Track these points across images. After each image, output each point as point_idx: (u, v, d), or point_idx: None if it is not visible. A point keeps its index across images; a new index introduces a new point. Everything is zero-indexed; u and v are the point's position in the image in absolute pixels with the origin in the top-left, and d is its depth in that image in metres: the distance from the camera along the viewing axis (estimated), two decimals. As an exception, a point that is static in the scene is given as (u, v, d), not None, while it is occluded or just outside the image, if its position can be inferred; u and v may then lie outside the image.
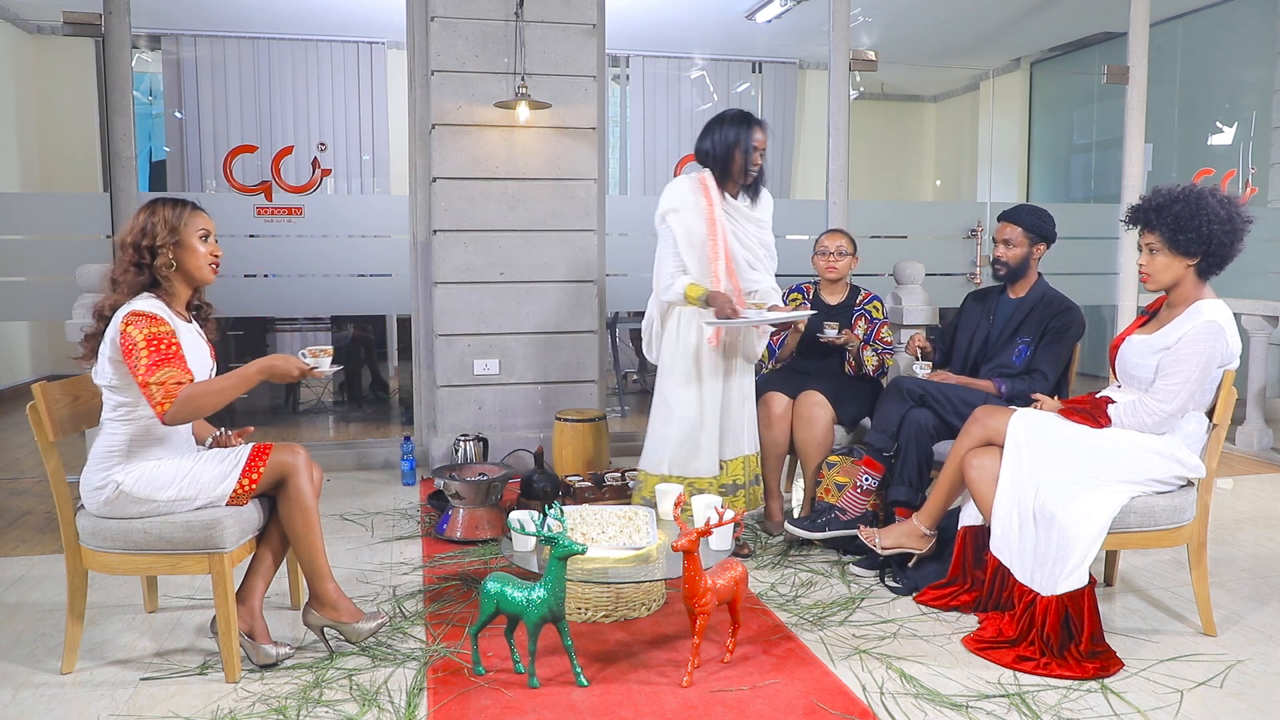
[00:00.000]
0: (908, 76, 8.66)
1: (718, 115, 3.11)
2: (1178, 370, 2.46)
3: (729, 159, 3.05)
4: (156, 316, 2.23)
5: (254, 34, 6.63)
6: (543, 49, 4.27)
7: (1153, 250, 2.54)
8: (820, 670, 2.35)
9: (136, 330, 2.20)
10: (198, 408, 2.18)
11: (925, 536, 2.89)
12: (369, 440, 4.92)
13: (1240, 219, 2.47)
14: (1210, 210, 2.45)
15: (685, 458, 3.12)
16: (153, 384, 2.15)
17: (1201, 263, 2.50)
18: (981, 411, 2.76)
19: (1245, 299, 4.99)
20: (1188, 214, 2.46)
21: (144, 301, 2.27)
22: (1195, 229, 2.45)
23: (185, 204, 2.39)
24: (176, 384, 2.16)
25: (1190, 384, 2.45)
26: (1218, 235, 2.45)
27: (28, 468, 4.63)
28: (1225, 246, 2.47)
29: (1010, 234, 3.26)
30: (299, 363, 2.31)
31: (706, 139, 3.10)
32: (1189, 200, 2.47)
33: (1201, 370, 2.45)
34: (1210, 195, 2.48)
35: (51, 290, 4.21)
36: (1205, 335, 2.44)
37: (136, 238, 2.30)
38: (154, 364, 2.17)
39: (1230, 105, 6.44)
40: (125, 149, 4.15)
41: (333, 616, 2.40)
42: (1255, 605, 2.82)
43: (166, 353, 2.19)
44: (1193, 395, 2.47)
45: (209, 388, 2.21)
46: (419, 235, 4.47)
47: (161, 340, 2.20)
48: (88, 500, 2.29)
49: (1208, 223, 2.44)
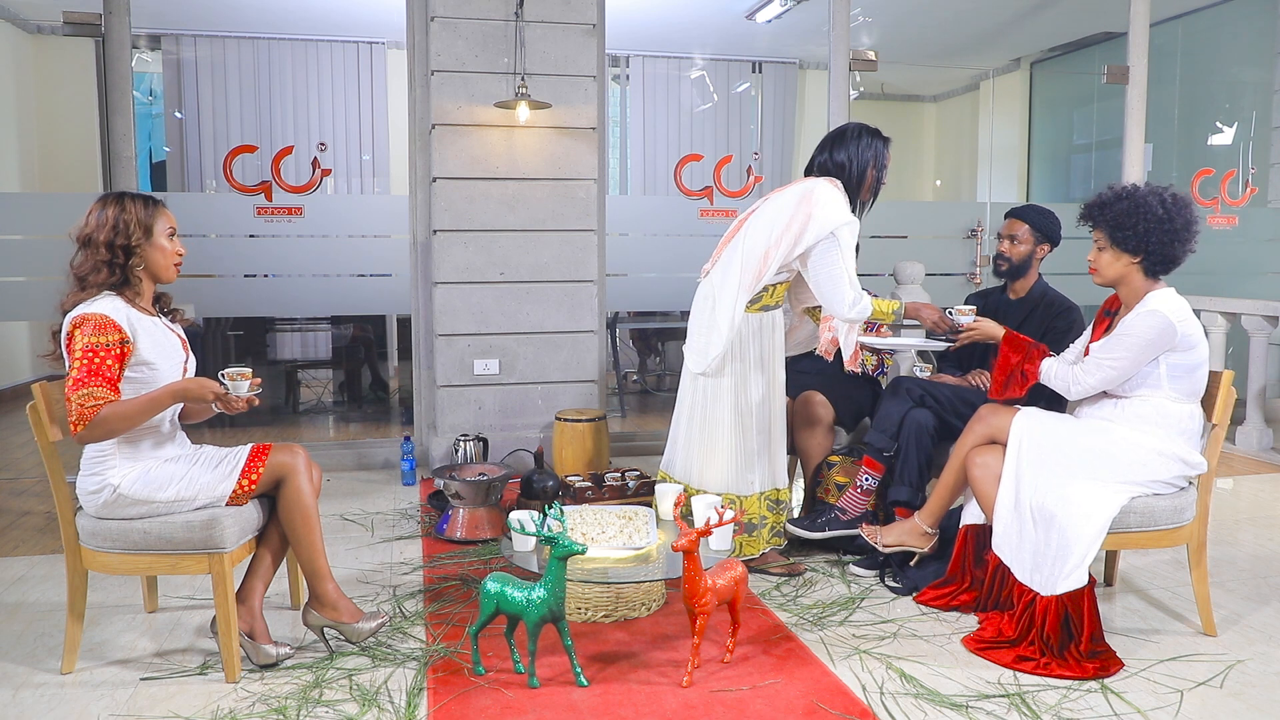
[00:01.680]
0: (908, 76, 8.66)
1: (852, 129, 2.95)
2: (1113, 347, 2.53)
3: (864, 175, 2.93)
4: (105, 323, 2.18)
5: (254, 34, 6.64)
6: (543, 49, 4.27)
7: (1100, 247, 2.61)
8: (820, 670, 2.35)
9: (80, 336, 2.17)
10: (110, 430, 2.16)
11: (927, 535, 2.89)
12: (369, 440, 4.92)
13: (1181, 221, 2.52)
14: (1149, 210, 2.51)
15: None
16: (73, 400, 2.13)
17: (1144, 261, 2.55)
18: (986, 410, 2.76)
19: (1245, 299, 4.99)
20: (1128, 212, 2.53)
21: (101, 302, 2.23)
22: (1133, 227, 2.52)
23: (155, 201, 2.35)
24: (94, 405, 2.13)
25: (1118, 362, 2.51)
26: (1155, 234, 2.51)
27: (28, 468, 4.63)
28: (1165, 246, 2.52)
29: (1017, 230, 3.26)
30: (213, 385, 2.24)
31: (842, 151, 2.92)
32: (1131, 199, 2.55)
33: (1135, 351, 2.50)
34: (1153, 196, 2.53)
35: (51, 290, 4.14)
36: (1144, 320, 2.50)
37: (110, 236, 2.25)
38: (80, 379, 2.13)
39: (1230, 105, 6.44)
40: (125, 149, 4.15)
41: (333, 617, 2.40)
42: (1255, 605, 2.82)
43: (98, 369, 2.15)
44: (1120, 373, 2.53)
45: (123, 410, 2.16)
46: (419, 235, 4.47)
47: (97, 353, 2.16)
48: (85, 504, 2.29)
49: (1144, 221, 2.51)
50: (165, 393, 2.23)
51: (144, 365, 2.25)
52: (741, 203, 4.88)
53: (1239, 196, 5.81)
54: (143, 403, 2.20)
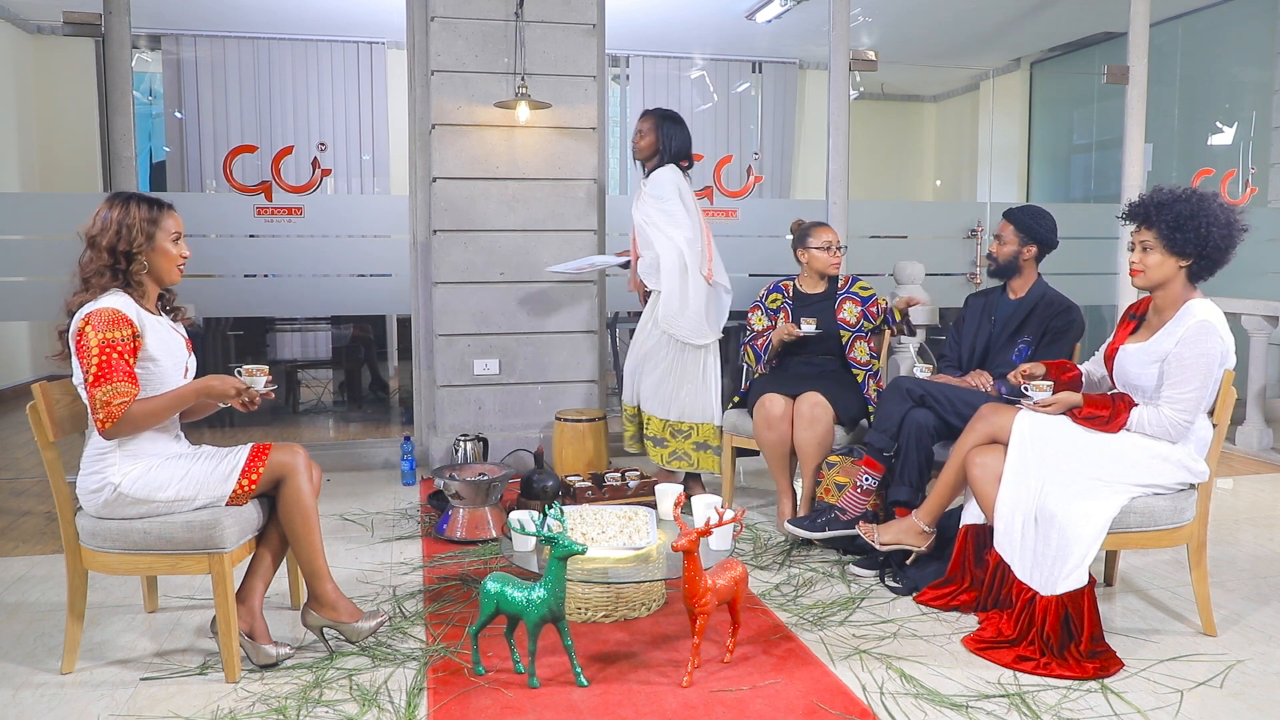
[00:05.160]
0: (908, 76, 8.66)
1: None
2: (1187, 378, 2.45)
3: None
4: (118, 318, 2.20)
5: (254, 34, 6.63)
6: (543, 49, 4.27)
7: (1147, 248, 2.54)
8: (820, 670, 2.35)
9: (93, 332, 2.17)
10: (136, 426, 2.20)
11: (924, 534, 2.89)
12: (369, 440, 4.92)
13: (1238, 227, 2.48)
14: (1211, 214, 2.46)
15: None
16: (97, 396, 2.14)
17: (1194, 265, 2.51)
18: (987, 409, 2.75)
19: (1245, 299, 4.99)
20: (1189, 214, 2.46)
21: (110, 298, 2.24)
22: (1194, 229, 2.46)
23: (160, 205, 2.34)
24: (122, 402, 2.15)
25: (1201, 390, 2.45)
26: (1215, 239, 2.46)
27: (28, 468, 4.63)
28: (1220, 251, 2.48)
29: (1004, 231, 3.32)
30: (235, 382, 2.30)
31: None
32: (1191, 201, 2.48)
33: (1206, 374, 2.45)
34: (1213, 200, 2.49)
35: (51, 290, 4.20)
36: (1203, 337, 2.44)
37: (112, 241, 2.25)
38: (102, 375, 2.15)
39: (1230, 105, 6.44)
40: (125, 149, 4.15)
41: (332, 616, 2.40)
42: (1255, 605, 2.82)
43: (117, 365, 2.16)
44: (1205, 396, 2.48)
45: (150, 407, 2.21)
46: (419, 235, 4.47)
47: (115, 347, 2.17)
48: (86, 504, 2.29)
49: (1207, 225, 2.45)
50: (190, 389, 2.29)
51: (149, 361, 2.26)
52: (741, 203, 4.88)
53: (1239, 196, 5.81)
54: (169, 399, 2.25)
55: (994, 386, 3.19)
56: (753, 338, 3.73)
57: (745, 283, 4.92)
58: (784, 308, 3.69)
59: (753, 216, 4.89)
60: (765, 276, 4.68)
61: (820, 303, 3.65)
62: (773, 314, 3.72)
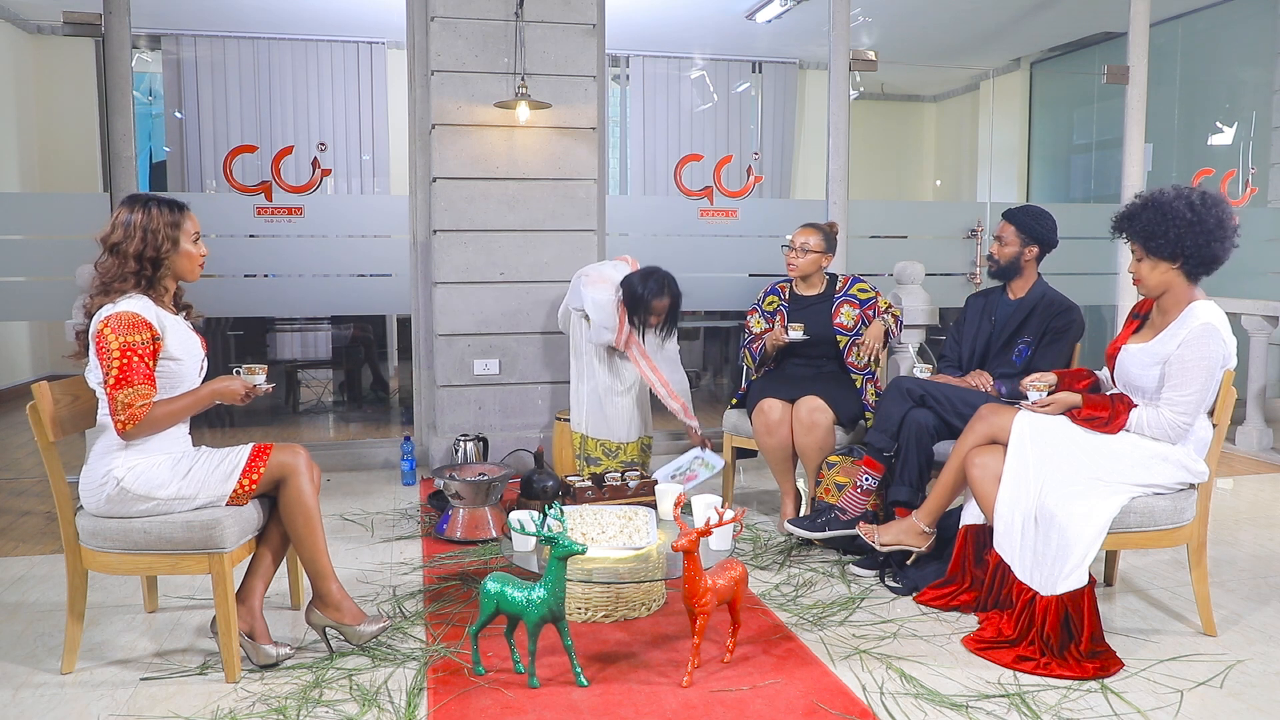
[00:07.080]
0: (908, 76, 8.66)
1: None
2: (1188, 380, 2.44)
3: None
4: (136, 321, 2.22)
5: (254, 34, 6.63)
6: (543, 49, 4.27)
7: (1138, 257, 2.55)
8: (820, 670, 2.35)
9: (113, 336, 2.19)
10: (156, 428, 2.25)
11: (924, 534, 2.89)
12: (369, 440, 4.92)
13: (1213, 220, 2.44)
14: (1176, 215, 2.44)
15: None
16: (120, 399, 2.17)
17: (1185, 265, 2.49)
18: (986, 409, 2.75)
19: (1245, 299, 4.99)
20: (1156, 220, 2.46)
21: (129, 302, 2.26)
22: (1164, 234, 2.45)
23: (179, 207, 2.36)
24: (144, 405, 2.19)
25: (1202, 392, 2.45)
26: (1188, 239, 2.44)
27: (28, 468, 4.63)
28: (1202, 249, 2.45)
29: (1004, 232, 3.32)
30: (243, 381, 2.37)
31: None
32: (1156, 207, 2.47)
33: (1207, 377, 2.44)
34: (1179, 200, 2.45)
35: (51, 290, 4.21)
36: (1205, 340, 2.43)
37: (139, 247, 2.27)
38: (123, 378, 2.18)
39: (1230, 105, 6.44)
40: (125, 149, 4.15)
41: (336, 617, 2.40)
42: (1255, 605, 2.82)
43: (137, 368, 2.19)
44: (1205, 398, 2.47)
45: (170, 409, 2.26)
46: (419, 235, 4.47)
47: (135, 351, 2.20)
48: (88, 500, 2.29)
49: (1175, 228, 2.44)
50: (207, 392, 2.34)
51: (170, 360, 2.29)
52: (741, 203, 4.88)
53: (1239, 196, 5.81)
54: (187, 401, 2.30)
55: (994, 387, 3.19)
56: (750, 341, 3.73)
57: (744, 283, 4.92)
58: (780, 310, 3.68)
59: (752, 217, 4.89)
60: (764, 277, 4.68)
61: (816, 305, 3.63)
62: (769, 316, 3.71)
